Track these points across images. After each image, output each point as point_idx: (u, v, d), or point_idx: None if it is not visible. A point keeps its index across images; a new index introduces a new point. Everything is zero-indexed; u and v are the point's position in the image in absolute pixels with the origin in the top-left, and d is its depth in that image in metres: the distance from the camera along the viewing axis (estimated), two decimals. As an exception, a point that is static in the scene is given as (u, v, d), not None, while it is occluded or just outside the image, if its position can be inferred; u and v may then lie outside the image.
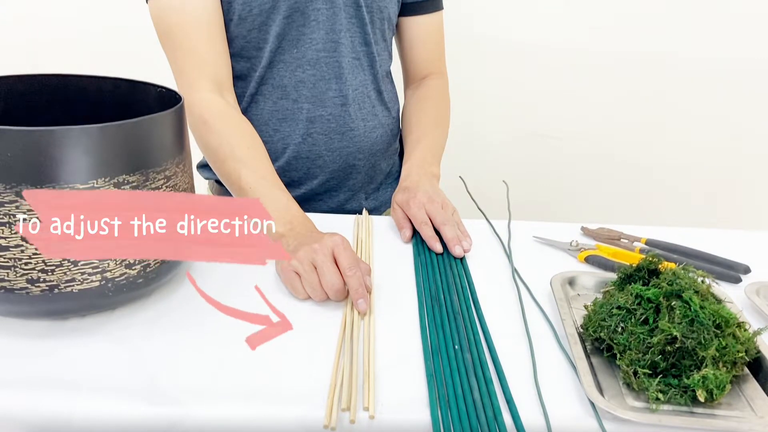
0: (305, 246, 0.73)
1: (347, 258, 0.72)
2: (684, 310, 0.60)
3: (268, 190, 0.84)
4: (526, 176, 1.87)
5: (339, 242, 0.73)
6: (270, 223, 0.80)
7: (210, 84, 0.89)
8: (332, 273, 0.71)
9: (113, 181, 0.62)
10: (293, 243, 0.76)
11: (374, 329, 0.68)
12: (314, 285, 0.72)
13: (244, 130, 0.90)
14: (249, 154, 0.87)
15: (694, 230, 0.97)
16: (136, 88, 0.78)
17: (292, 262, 0.73)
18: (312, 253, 0.72)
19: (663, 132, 1.86)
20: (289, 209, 0.82)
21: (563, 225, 0.97)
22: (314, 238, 0.75)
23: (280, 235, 0.79)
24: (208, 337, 0.65)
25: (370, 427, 0.56)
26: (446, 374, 0.61)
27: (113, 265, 0.63)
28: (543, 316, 0.72)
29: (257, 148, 0.89)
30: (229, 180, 0.86)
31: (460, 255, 0.84)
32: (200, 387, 0.58)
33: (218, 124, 0.87)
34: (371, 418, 0.55)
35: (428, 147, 1.02)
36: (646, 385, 0.59)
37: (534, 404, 0.58)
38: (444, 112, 1.10)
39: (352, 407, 0.56)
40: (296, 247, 0.75)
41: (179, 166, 0.69)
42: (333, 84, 0.98)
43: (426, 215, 0.88)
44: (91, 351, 0.62)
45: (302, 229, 0.79)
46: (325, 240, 0.73)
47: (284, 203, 0.83)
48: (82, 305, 0.64)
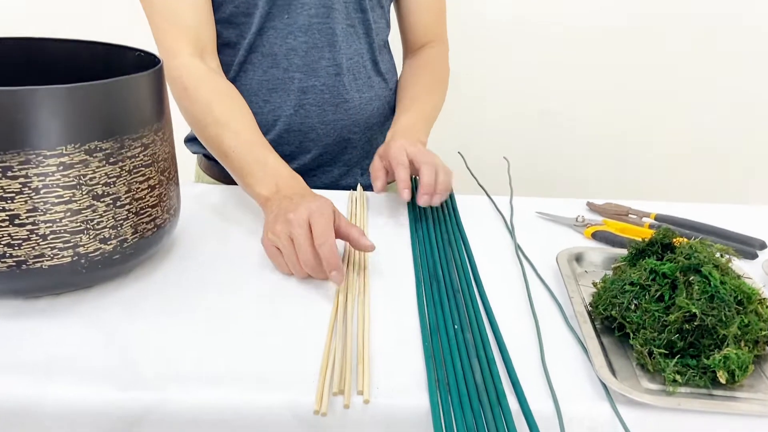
0: (282, 217, 0.68)
1: (320, 226, 0.65)
2: (703, 285, 0.56)
3: (252, 152, 0.79)
4: (527, 153, 1.82)
5: (314, 210, 0.67)
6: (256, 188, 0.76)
7: (191, 48, 0.84)
8: (306, 248, 0.66)
9: (84, 148, 0.57)
10: (275, 210, 0.71)
11: (369, 308, 0.63)
12: (292, 262, 0.67)
13: (226, 94, 0.85)
14: (232, 117, 0.82)
15: (704, 205, 0.92)
16: (112, 53, 0.73)
17: (269, 236, 0.69)
18: (289, 226, 0.67)
19: (669, 106, 1.81)
20: (276, 170, 0.77)
21: (568, 200, 0.92)
22: (294, 204, 0.69)
23: (266, 198, 0.74)
24: (190, 317, 0.61)
25: (365, 413, 0.51)
26: (446, 355, 0.56)
27: (86, 240, 0.59)
28: (549, 294, 0.68)
29: (241, 111, 0.84)
30: (213, 145, 0.81)
31: (423, 204, 0.79)
32: (181, 371, 0.54)
33: (199, 90, 0.82)
34: (366, 402, 0.51)
35: (416, 114, 0.96)
36: (663, 366, 0.54)
37: (541, 387, 0.54)
38: (440, 79, 1.05)
39: (345, 391, 0.51)
40: (276, 218, 0.69)
41: (158, 134, 0.64)
42: (326, 52, 0.92)
43: (406, 157, 0.82)
44: (64, 332, 0.58)
45: (288, 191, 0.74)
46: (301, 209, 0.67)
47: (270, 164, 0.78)
48: (53, 283, 0.60)
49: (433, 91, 1.02)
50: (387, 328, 0.61)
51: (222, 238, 0.76)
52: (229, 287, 0.66)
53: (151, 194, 0.64)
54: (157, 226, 0.65)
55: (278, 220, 0.69)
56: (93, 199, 0.58)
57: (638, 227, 0.82)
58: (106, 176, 0.59)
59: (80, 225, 0.58)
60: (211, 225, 0.80)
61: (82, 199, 0.58)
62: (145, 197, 0.63)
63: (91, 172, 0.58)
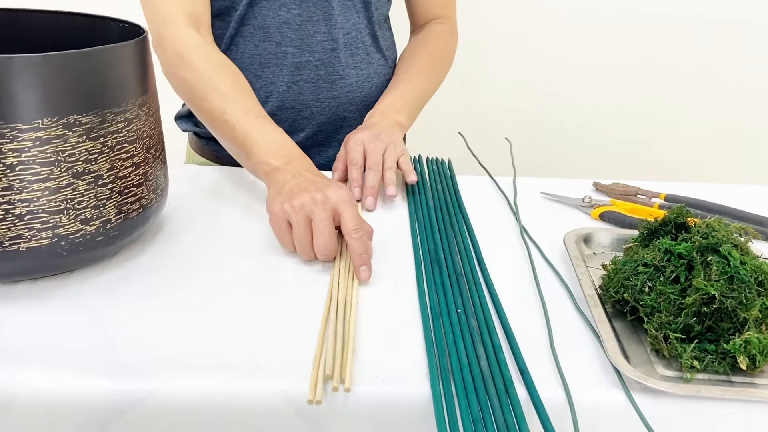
0: (305, 193, 0.64)
1: (353, 219, 0.63)
2: (722, 265, 0.53)
3: (256, 123, 0.75)
4: (530, 133, 1.78)
5: (345, 198, 0.64)
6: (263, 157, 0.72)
7: (187, 19, 0.80)
8: (328, 235, 0.63)
9: (62, 122, 0.53)
10: (291, 181, 0.67)
11: (356, 293, 0.60)
12: (304, 243, 0.64)
13: (225, 65, 0.80)
14: (232, 89, 0.77)
15: (716, 185, 0.89)
16: (96, 24, 0.69)
17: (284, 207, 0.65)
18: (312, 205, 0.63)
19: (676, 83, 1.76)
20: (284, 143, 0.74)
21: (573, 181, 0.89)
22: (317, 185, 0.66)
23: (275, 168, 0.70)
24: (177, 302, 0.58)
25: (364, 402, 0.48)
26: (448, 341, 0.53)
27: (66, 220, 0.55)
28: (556, 277, 0.65)
29: (242, 84, 0.80)
30: (212, 117, 0.76)
31: (369, 208, 0.77)
32: (169, 359, 0.50)
33: (196, 59, 0.77)
34: (347, 390, 0.47)
35: (402, 93, 0.93)
36: (679, 351, 0.51)
37: (551, 374, 0.50)
38: (439, 58, 1.00)
39: (335, 377, 0.48)
40: (293, 190, 0.66)
41: (142, 109, 0.60)
42: (321, 26, 0.88)
43: (361, 155, 0.81)
44: (44, 319, 0.55)
45: (299, 165, 0.71)
46: (330, 192, 0.64)
47: (277, 136, 0.74)
48: (32, 266, 0.56)
49: (428, 71, 0.98)
50: (387, 314, 0.57)
51: (212, 220, 0.73)
52: (219, 271, 0.63)
53: (135, 172, 0.60)
54: (142, 206, 0.62)
55: (297, 195, 0.65)
56: (73, 176, 0.55)
57: (648, 207, 0.78)
58: (87, 152, 0.55)
59: (59, 204, 0.55)
60: (202, 206, 0.76)
61: (61, 177, 0.54)
62: (129, 176, 0.59)
63: (70, 147, 0.54)
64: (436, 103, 1.09)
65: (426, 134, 1.40)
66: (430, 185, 0.84)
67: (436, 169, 0.89)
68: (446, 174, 0.88)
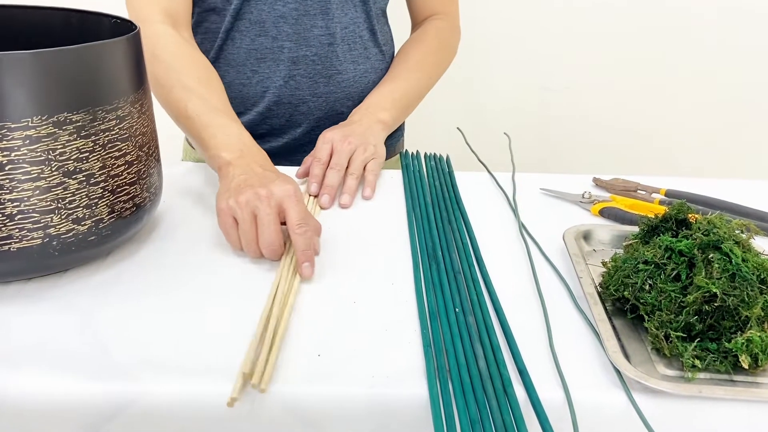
0: (250, 189, 0.64)
1: (297, 213, 0.62)
2: (724, 263, 0.52)
3: (216, 117, 0.74)
4: (529, 128, 1.77)
5: (291, 193, 0.64)
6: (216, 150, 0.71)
7: (163, 16, 0.79)
8: (272, 231, 0.62)
9: (52, 120, 0.52)
10: (239, 177, 0.67)
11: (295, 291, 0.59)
12: (250, 240, 0.63)
13: (196, 60, 0.80)
14: (199, 83, 0.77)
15: (716, 180, 0.88)
16: (87, 20, 0.68)
17: (230, 203, 0.64)
18: (256, 200, 0.63)
19: (675, 77, 1.75)
20: (240, 137, 0.73)
21: (573, 176, 0.88)
22: (263, 180, 0.65)
23: (227, 162, 0.70)
24: (171, 303, 0.57)
25: (360, 403, 0.47)
26: (446, 341, 0.52)
27: (57, 220, 0.54)
28: (556, 274, 0.64)
29: (209, 79, 0.79)
30: (176, 110, 0.76)
31: (324, 206, 0.76)
32: (161, 360, 0.50)
33: (167, 54, 0.77)
34: (262, 392, 0.46)
35: (389, 91, 0.92)
36: (680, 350, 0.50)
37: (550, 374, 0.50)
38: (432, 55, 0.99)
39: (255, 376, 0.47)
40: (240, 185, 0.65)
41: (135, 106, 0.59)
42: (318, 20, 0.87)
43: (327, 154, 0.80)
44: (35, 320, 0.54)
45: (252, 160, 0.70)
46: (275, 188, 0.64)
47: (235, 131, 0.74)
48: (23, 267, 0.55)
49: (420, 68, 0.96)
50: (383, 313, 0.57)
51: (208, 218, 0.72)
52: (214, 271, 0.62)
53: (128, 171, 0.59)
54: (135, 205, 0.61)
55: (243, 190, 0.64)
56: (64, 175, 0.54)
57: (648, 203, 0.77)
58: (78, 151, 0.54)
59: (50, 204, 0.54)
60: (197, 205, 0.75)
61: (51, 176, 0.53)
62: (121, 174, 0.59)
63: (61, 146, 0.53)
64: (435, 98, 1.08)
65: (424, 130, 1.39)
66: (427, 181, 0.83)
67: (434, 165, 0.89)
68: (444, 170, 0.87)
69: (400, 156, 0.92)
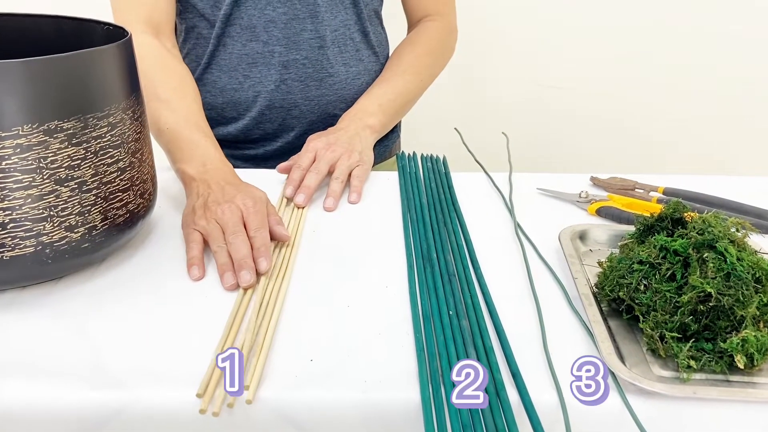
0: (213, 205, 0.66)
1: (254, 221, 0.64)
2: (718, 262, 0.51)
3: (185, 131, 0.75)
4: (526, 128, 1.76)
5: (250, 205, 0.65)
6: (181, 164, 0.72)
7: (144, 26, 0.80)
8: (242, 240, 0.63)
9: (43, 128, 0.52)
10: (203, 195, 0.68)
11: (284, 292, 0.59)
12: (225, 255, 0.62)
13: (173, 71, 0.81)
14: (174, 95, 0.78)
15: (715, 177, 0.87)
16: (80, 28, 0.68)
17: (200, 224, 0.65)
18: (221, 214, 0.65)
19: (672, 75, 1.74)
20: (206, 151, 0.74)
21: (570, 176, 0.87)
22: (226, 196, 0.67)
23: (191, 177, 0.71)
24: (165, 310, 0.57)
25: (351, 408, 0.47)
26: (439, 344, 0.52)
27: (50, 228, 0.54)
28: (551, 275, 0.63)
29: (184, 90, 0.80)
30: (151, 122, 0.77)
31: (299, 204, 0.76)
32: (153, 368, 0.49)
33: (145, 64, 0.78)
34: (248, 402, 0.46)
35: (379, 95, 0.91)
36: (675, 351, 0.50)
37: (544, 377, 0.49)
38: (425, 57, 0.98)
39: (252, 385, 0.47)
40: (205, 206, 0.67)
41: (127, 112, 0.59)
42: (308, 24, 0.87)
43: (309, 161, 0.80)
44: (30, 328, 0.54)
45: (216, 174, 0.71)
46: (237, 201, 0.66)
47: (202, 145, 0.74)
48: (17, 275, 0.55)
49: (412, 70, 0.96)
50: (375, 316, 0.57)
51: (203, 223, 0.72)
52: (210, 278, 0.62)
53: (121, 177, 0.59)
54: (129, 211, 0.61)
55: (209, 208, 0.66)
56: (56, 183, 0.54)
57: (646, 202, 0.77)
58: (70, 158, 0.54)
59: (43, 212, 0.54)
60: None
61: (43, 184, 0.53)
62: (114, 181, 0.59)
63: (52, 154, 0.53)
64: (431, 98, 1.07)
65: (420, 130, 1.39)
66: (424, 183, 0.83)
67: (431, 166, 0.88)
68: (441, 171, 0.87)
69: (397, 157, 0.91)
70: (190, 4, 0.87)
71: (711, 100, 1.75)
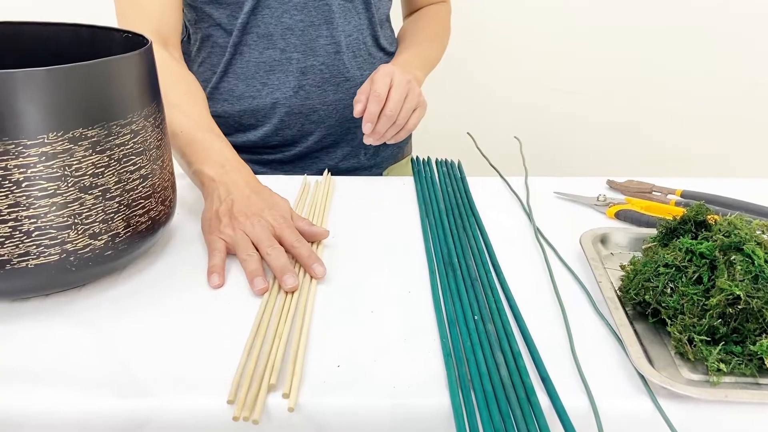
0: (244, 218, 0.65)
1: (291, 234, 0.65)
2: (746, 265, 0.51)
3: (200, 134, 0.75)
4: (540, 131, 1.76)
5: (281, 221, 0.66)
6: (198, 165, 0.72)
7: (152, 36, 0.80)
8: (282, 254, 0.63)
9: (68, 136, 0.52)
10: (226, 199, 0.68)
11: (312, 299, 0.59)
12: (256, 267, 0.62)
13: (182, 78, 0.81)
14: (185, 100, 0.78)
15: (732, 180, 0.87)
16: (98, 35, 0.68)
17: (227, 233, 0.65)
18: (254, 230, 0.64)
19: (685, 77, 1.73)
20: (222, 152, 0.73)
21: (586, 179, 0.87)
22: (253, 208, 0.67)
23: (210, 178, 0.71)
24: (189, 317, 0.57)
25: (382, 414, 0.47)
26: (466, 350, 0.52)
27: (74, 236, 0.54)
28: (574, 279, 0.63)
29: (194, 96, 0.80)
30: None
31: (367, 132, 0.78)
32: (180, 375, 0.49)
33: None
34: (290, 410, 0.46)
35: (416, 54, 0.93)
36: (705, 354, 0.50)
37: (573, 381, 0.49)
38: (441, 31, 1.01)
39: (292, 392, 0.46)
40: (230, 212, 0.66)
41: (149, 120, 0.59)
42: (323, 30, 0.88)
43: (386, 87, 0.79)
44: (54, 335, 0.54)
45: (236, 176, 0.71)
46: (267, 215, 0.66)
47: (217, 146, 0.74)
48: (41, 283, 0.55)
49: (433, 41, 0.99)
50: (400, 321, 0.56)
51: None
52: (230, 283, 0.62)
53: (143, 185, 0.59)
54: (151, 218, 0.61)
55: (237, 218, 0.65)
56: (80, 191, 0.54)
57: (664, 205, 0.77)
58: (94, 166, 0.54)
59: (67, 220, 0.54)
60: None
61: (68, 192, 0.53)
62: (137, 188, 0.59)
63: (77, 162, 0.53)
64: (444, 103, 1.08)
65: (434, 135, 1.39)
66: (440, 188, 0.83)
67: (446, 171, 0.88)
68: (456, 176, 0.87)
69: (411, 162, 0.92)
70: (206, 14, 0.88)
71: (723, 103, 1.75)
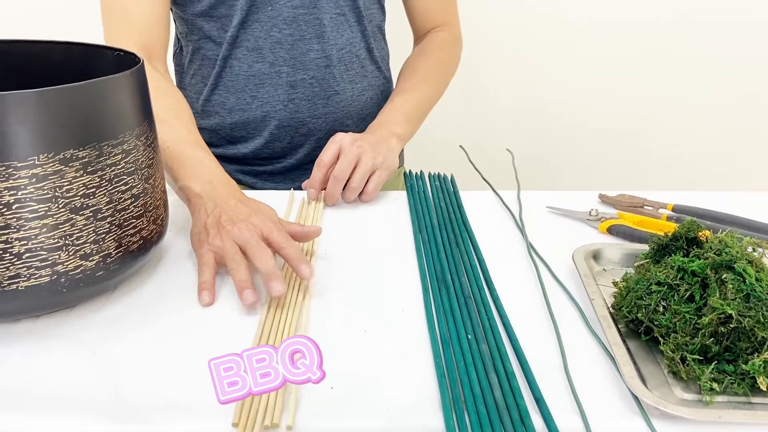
0: (230, 224, 0.64)
1: (279, 236, 0.64)
2: (737, 283, 0.51)
3: (187, 149, 0.75)
4: (532, 145, 1.76)
5: (270, 224, 0.65)
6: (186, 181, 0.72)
7: (136, 48, 0.81)
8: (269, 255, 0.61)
9: (59, 157, 0.52)
10: (213, 212, 0.67)
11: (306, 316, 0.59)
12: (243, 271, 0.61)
13: (167, 93, 0.81)
14: (171, 115, 0.77)
15: (723, 193, 0.88)
16: (89, 53, 0.68)
17: (216, 244, 0.64)
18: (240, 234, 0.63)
19: (678, 91, 1.74)
20: (210, 168, 0.73)
21: (578, 193, 0.88)
22: (239, 215, 0.66)
23: (197, 194, 0.70)
24: (182, 337, 0.56)
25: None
26: (460, 370, 0.52)
27: (65, 257, 0.54)
28: (566, 296, 0.63)
29: (180, 111, 0.80)
30: None
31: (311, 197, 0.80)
32: (174, 398, 0.49)
33: None
34: (289, 429, 0.46)
35: (401, 104, 0.93)
36: (698, 373, 0.50)
37: (566, 401, 0.49)
38: (437, 67, 1.00)
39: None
40: (218, 223, 0.65)
41: (140, 139, 0.59)
42: (314, 44, 0.88)
43: (333, 155, 0.80)
44: (45, 358, 0.53)
45: (223, 189, 0.70)
46: (254, 220, 0.65)
47: (205, 162, 0.74)
48: (32, 305, 0.55)
49: (426, 80, 0.97)
50: (393, 341, 0.56)
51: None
52: (224, 302, 0.62)
53: (134, 204, 0.59)
54: (142, 238, 0.61)
55: (224, 227, 0.65)
56: (71, 212, 0.54)
57: (656, 219, 0.77)
58: (85, 187, 0.54)
59: (58, 241, 0.53)
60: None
61: (59, 213, 0.53)
62: (128, 208, 0.58)
63: (68, 183, 0.53)
64: (436, 115, 1.08)
65: (426, 148, 1.39)
66: (433, 202, 0.83)
67: (439, 185, 0.88)
68: (449, 190, 0.87)
69: (404, 176, 0.92)
70: (197, 26, 0.88)
71: (715, 115, 1.76)
